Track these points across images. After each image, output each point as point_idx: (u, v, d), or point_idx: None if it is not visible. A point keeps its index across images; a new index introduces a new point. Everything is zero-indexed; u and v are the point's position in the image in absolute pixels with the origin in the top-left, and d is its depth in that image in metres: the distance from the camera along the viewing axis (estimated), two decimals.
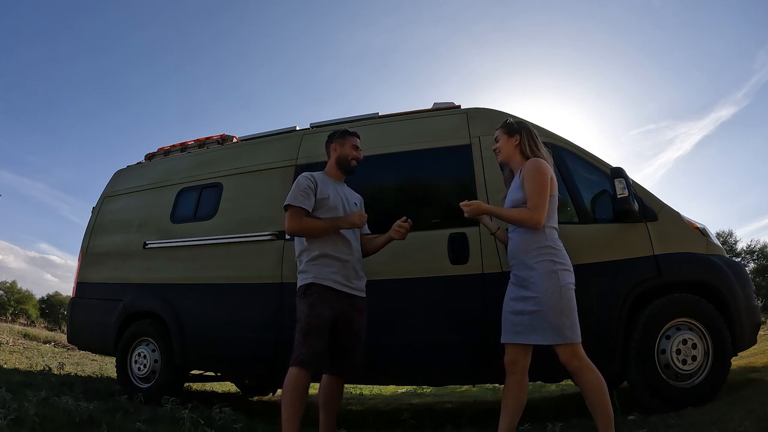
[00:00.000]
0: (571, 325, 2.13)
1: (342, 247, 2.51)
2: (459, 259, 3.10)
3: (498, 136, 2.51)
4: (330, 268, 2.45)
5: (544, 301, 2.14)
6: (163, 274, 3.96)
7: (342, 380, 2.57)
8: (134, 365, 3.95)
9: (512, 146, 2.43)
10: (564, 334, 2.11)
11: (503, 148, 2.47)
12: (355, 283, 2.53)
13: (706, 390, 2.81)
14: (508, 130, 2.47)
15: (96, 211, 4.65)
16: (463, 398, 5.08)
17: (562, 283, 2.16)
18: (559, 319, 2.12)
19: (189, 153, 4.49)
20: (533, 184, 2.24)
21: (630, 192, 2.89)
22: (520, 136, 2.42)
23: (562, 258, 2.22)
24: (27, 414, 2.62)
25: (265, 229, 3.60)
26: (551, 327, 2.12)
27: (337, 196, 2.59)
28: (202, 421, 2.81)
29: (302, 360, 2.32)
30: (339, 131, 2.74)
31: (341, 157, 2.67)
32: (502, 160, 2.51)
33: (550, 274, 2.16)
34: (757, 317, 3.09)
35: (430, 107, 3.74)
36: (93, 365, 7.35)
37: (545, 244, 2.22)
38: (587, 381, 2.13)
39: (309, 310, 2.38)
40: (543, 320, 2.14)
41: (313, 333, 2.35)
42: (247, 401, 4.87)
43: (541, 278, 2.17)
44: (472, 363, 3.06)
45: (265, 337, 3.42)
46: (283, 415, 2.28)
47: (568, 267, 2.22)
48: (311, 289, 2.42)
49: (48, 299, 43.32)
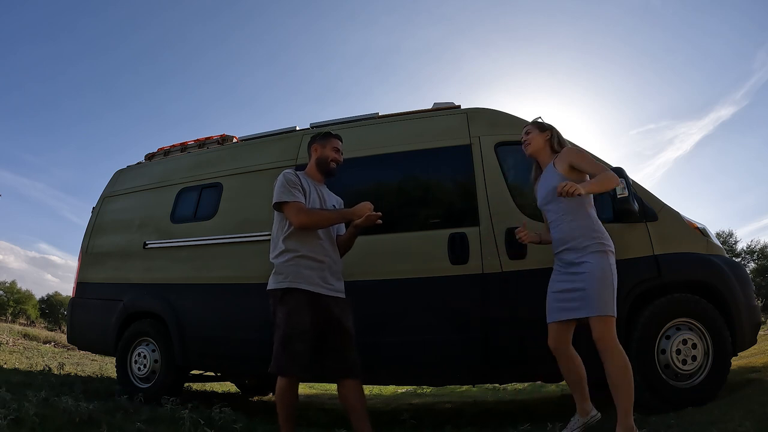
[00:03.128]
0: (612, 300, 2.31)
1: (318, 248, 2.49)
2: (459, 259, 3.10)
3: (529, 130, 2.69)
4: (307, 269, 2.43)
5: (597, 275, 2.32)
6: (163, 274, 3.96)
7: (352, 381, 2.47)
8: (134, 365, 3.95)
9: (543, 140, 2.65)
10: (610, 306, 2.29)
11: (534, 140, 2.65)
12: (333, 284, 2.51)
13: (706, 390, 2.80)
14: (540, 127, 2.68)
15: (96, 211, 4.65)
16: (463, 398, 5.08)
17: (611, 262, 2.37)
18: (608, 292, 2.30)
19: (189, 153, 4.49)
20: (587, 160, 2.47)
21: (630, 192, 2.89)
22: (551, 132, 2.65)
23: (607, 240, 2.42)
24: (27, 414, 2.62)
25: (265, 229, 3.60)
26: (602, 299, 2.29)
27: (316, 197, 2.57)
28: (202, 421, 2.81)
29: (285, 369, 2.34)
30: (321, 133, 2.73)
31: (321, 159, 2.66)
32: (531, 152, 2.68)
33: (600, 254, 2.37)
34: (757, 317, 3.09)
35: (430, 107, 3.74)
36: (93, 365, 7.35)
37: (594, 228, 2.43)
38: (614, 360, 2.26)
39: (287, 317, 2.37)
40: (593, 293, 2.30)
41: (293, 340, 2.34)
42: (247, 401, 4.87)
43: (591, 257, 2.36)
44: (472, 363, 3.06)
45: (265, 338, 3.39)
46: (279, 420, 2.40)
47: (612, 249, 2.42)
48: (289, 294, 2.40)
49: (48, 299, 43.32)
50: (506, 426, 2.89)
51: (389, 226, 3.04)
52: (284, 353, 2.34)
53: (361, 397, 2.46)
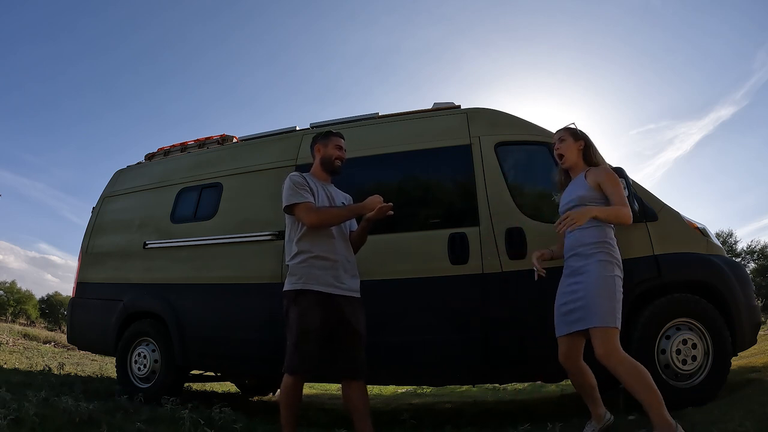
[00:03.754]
0: (614, 312, 2.26)
1: (331, 248, 2.50)
2: (459, 259, 3.10)
3: (564, 137, 2.60)
4: (320, 270, 2.44)
5: (598, 284, 2.29)
6: (163, 274, 3.96)
7: (356, 382, 2.47)
8: (134, 365, 3.95)
9: (577, 149, 2.57)
10: (612, 317, 2.25)
11: (569, 149, 2.57)
12: (346, 283, 2.51)
13: (706, 390, 2.80)
14: (574, 135, 2.59)
15: (96, 211, 4.65)
16: (463, 398, 5.08)
17: (613, 273, 2.34)
18: (609, 303, 2.26)
19: (189, 153, 4.49)
20: (617, 189, 2.41)
21: (630, 192, 2.89)
22: (585, 142, 2.58)
23: (615, 253, 2.40)
24: (27, 414, 2.62)
25: (265, 229, 3.60)
26: (601, 310, 2.25)
27: (324, 196, 2.58)
28: (202, 421, 2.81)
29: (295, 368, 2.37)
30: (323, 132, 2.74)
31: (325, 158, 2.67)
32: (568, 165, 2.60)
33: (604, 264, 2.34)
34: (757, 317, 3.09)
35: (430, 107, 3.74)
36: (93, 365, 7.36)
37: (604, 239, 2.40)
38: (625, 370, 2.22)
39: (300, 318, 2.38)
40: (593, 303, 2.27)
41: (305, 340, 2.36)
42: (247, 401, 4.87)
43: (594, 266, 2.33)
44: (472, 363, 3.06)
45: (265, 337, 3.42)
46: (282, 419, 2.39)
47: (618, 262, 2.39)
48: (302, 296, 2.41)
49: (48, 299, 43.27)
50: (506, 426, 2.89)
51: (389, 226, 3.04)
52: (296, 353, 2.37)
53: (364, 398, 2.47)
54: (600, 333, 2.23)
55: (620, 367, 2.20)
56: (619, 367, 2.21)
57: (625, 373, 2.20)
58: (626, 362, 2.21)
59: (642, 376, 2.18)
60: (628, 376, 2.19)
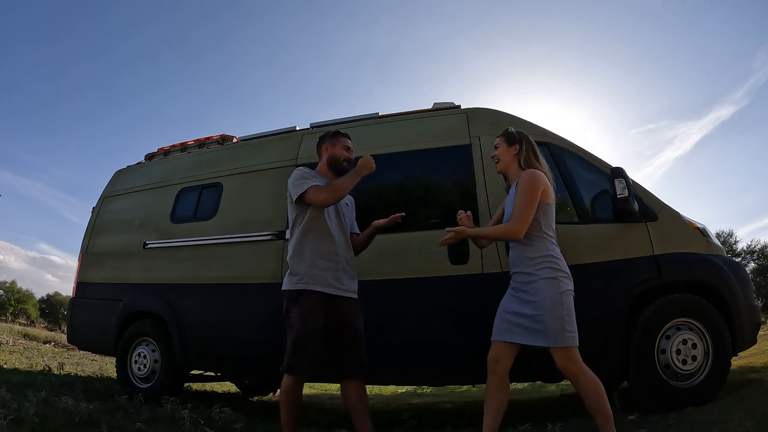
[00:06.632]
0: (571, 329, 2.20)
1: (332, 248, 2.51)
2: (459, 259, 3.10)
3: (498, 144, 2.53)
4: (321, 270, 2.45)
5: (545, 305, 2.20)
6: (163, 274, 3.96)
7: (356, 382, 2.48)
8: (134, 365, 3.95)
9: (511, 156, 2.47)
10: (563, 337, 2.17)
11: (502, 156, 2.50)
12: (346, 284, 2.53)
13: (706, 390, 2.80)
14: (508, 140, 2.49)
15: (96, 211, 4.66)
16: (463, 398, 5.08)
17: (562, 289, 2.23)
18: (559, 323, 2.18)
19: (189, 153, 4.49)
20: (523, 199, 2.30)
21: (630, 192, 2.89)
22: (519, 146, 2.45)
23: (561, 266, 2.29)
24: (27, 414, 2.62)
25: (265, 229, 3.60)
26: (551, 330, 2.18)
27: None
28: (202, 421, 2.81)
29: (295, 368, 2.38)
30: (330, 132, 2.76)
31: (332, 158, 2.68)
32: (500, 169, 2.54)
33: (551, 281, 2.23)
34: (757, 317, 3.09)
35: (430, 107, 3.74)
36: (93, 365, 7.35)
37: (545, 253, 2.29)
38: (584, 385, 2.20)
39: (302, 319, 2.39)
40: (543, 324, 2.19)
41: (307, 340, 2.38)
42: (247, 401, 4.87)
43: (541, 284, 2.23)
44: (472, 363, 3.05)
45: (266, 337, 3.42)
46: (282, 419, 2.40)
47: (567, 274, 2.29)
48: (304, 296, 2.42)
49: (48, 299, 43.25)
50: (506, 426, 2.89)
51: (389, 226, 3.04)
52: (296, 353, 2.37)
53: (363, 398, 2.48)
54: (561, 351, 2.20)
55: (582, 381, 2.20)
56: (581, 381, 2.20)
57: (586, 389, 2.19)
58: (588, 378, 2.20)
59: (602, 394, 2.18)
60: (589, 392, 2.19)
